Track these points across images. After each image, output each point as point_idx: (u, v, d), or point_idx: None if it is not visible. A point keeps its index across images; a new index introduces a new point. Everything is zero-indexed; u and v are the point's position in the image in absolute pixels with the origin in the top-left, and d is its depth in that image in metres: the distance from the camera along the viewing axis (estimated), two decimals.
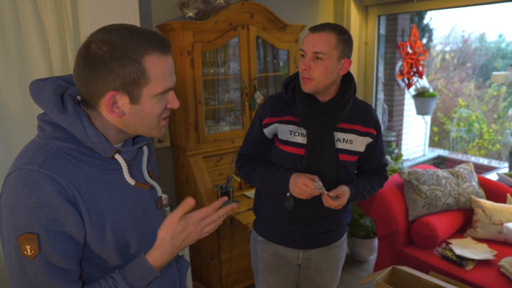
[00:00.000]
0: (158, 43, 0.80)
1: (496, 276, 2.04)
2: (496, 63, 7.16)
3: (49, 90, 0.81)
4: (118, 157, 0.86)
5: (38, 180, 0.75)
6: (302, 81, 1.34)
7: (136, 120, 0.84)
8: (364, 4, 3.43)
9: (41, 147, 0.80)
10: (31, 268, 0.75)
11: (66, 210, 0.77)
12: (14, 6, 1.79)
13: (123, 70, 0.77)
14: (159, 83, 0.81)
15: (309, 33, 1.33)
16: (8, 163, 1.87)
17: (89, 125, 0.81)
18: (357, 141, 1.41)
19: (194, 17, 2.40)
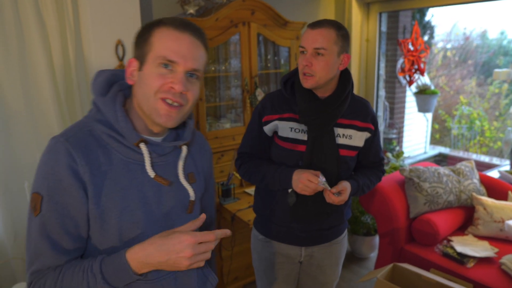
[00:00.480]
0: (177, 20, 0.85)
1: (497, 274, 2.04)
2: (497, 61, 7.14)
3: (102, 76, 0.91)
4: (142, 147, 0.86)
5: (58, 151, 0.81)
6: (302, 78, 1.35)
7: (139, 89, 0.86)
8: (365, 1, 3.42)
9: (79, 124, 0.87)
10: (33, 224, 0.83)
11: (71, 184, 0.81)
12: (15, 4, 1.78)
13: (140, 39, 0.86)
14: (158, 50, 0.83)
15: (308, 30, 1.33)
16: (9, 160, 1.87)
17: (121, 109, 0.86)
18: (356, 136, 1.43)
19: (195, 14, 2.40)
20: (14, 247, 1.91)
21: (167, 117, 0.85)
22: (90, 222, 0.84)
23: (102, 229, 0.85)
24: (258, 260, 1.60)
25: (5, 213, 1.87)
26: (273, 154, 1.47)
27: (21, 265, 1.94)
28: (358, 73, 3.58)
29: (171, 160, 0.93)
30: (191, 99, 0.87)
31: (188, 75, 0.85)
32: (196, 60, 0.85)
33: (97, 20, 1.95)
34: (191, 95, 0.86)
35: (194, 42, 0.85)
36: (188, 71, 0.84)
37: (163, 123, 0.86)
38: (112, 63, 2.04)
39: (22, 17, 1.82)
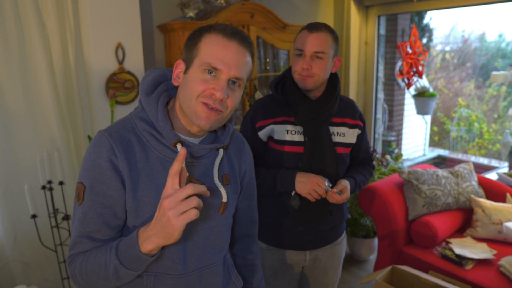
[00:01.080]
0: (227, 28, 0.88)
1: (495, 276, 2.05)
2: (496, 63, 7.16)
3: (151, 76, 0.94)
4: (179, 147, 0.89)
5: (101, 144, 0.86)
6: (300, 79, 1.37)
7: (182, 91, 0.89)
8: (364, 4, 3.44)
9: (123, 121, 0.92)
10: (76, 212, 0.89)
11: (111, 176, 0.86)
12: (15, 6, 1.79)
13: (188, 42, 0.90)
14: (205, 56, 0.86)
15: (306, 32, 1.34)
16: (9, 161, 1.88)
17: (162, 109, 0.90)
18: (349, 133, 1.48)
19: (194, 17, 2.41)
20: (13, 249, 1.91)
21: (206, 120, 0.87)
22: (127, 212, 0.89)
23: (137, 221, 0.89)
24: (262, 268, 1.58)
25: (5, 215, 1.87)
26: (270, 159, 1.46)
27: (21, 268, 1.94)
28: (357, 76, 3.60)
29: (208, 161, 0.96)
30: (231, 106, 0.89)
31: (231, 82, 0.88)
32: (239, 69, 0.87)
33: (97, 23, 1.96)
34: (230, 102, 0.88)
35: (241, 50, 0.87)
36: (230, 79, 0.87)
37: (202, 125, 0.88)
38: (112, 66, 2.05)
39: (23, 19, 1.83)
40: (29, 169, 1.92)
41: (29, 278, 1.95)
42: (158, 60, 2.53)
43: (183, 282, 0.94)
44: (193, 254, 0.94)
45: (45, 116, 1.94)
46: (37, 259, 1.99)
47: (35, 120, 1.92)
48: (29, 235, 1.95)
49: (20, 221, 1.93)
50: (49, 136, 1.96)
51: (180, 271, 0.93)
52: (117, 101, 2.10)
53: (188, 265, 0.94)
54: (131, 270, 0.83)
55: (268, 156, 1.47)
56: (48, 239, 1.96)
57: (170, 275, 0.92)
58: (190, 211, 0.75)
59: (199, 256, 0.96)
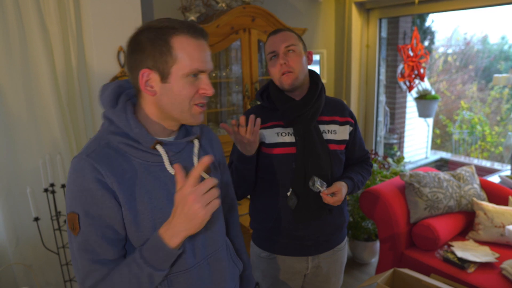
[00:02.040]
0: (189, 26, 0.87)
1: (498, 279, 2.04)
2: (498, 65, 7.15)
3: (109, 89, 0.93)
4: (159, 148, 0.91)
5: (83, 167, 0.85)
6: (282, 78, 1.39)
7: (167, 100, 0.89)
8: (365, 7, 3.44)
9: (96, 140, 0.90)
10: (75, 243, 0.87)
11: (102, 195, 0.85)
12: (18, 10, 1.81)
13: (153, 48, 0.85)
14: (186, 63, 0.86)
15: (271, 37, 1.42)
16: (12, 165, 1.89)
17: (132, 117, 0.89)
18: (340, 130, 1.50)
19: (196, 20, 2.42)
20: (15, 252, 1.92)
21: (200, 117, 0.94)
22: (126, 227, 0.89)
23: (138, 232, 0.90)
24: (263, 278, 1.55)
25: (7, 218, 1.88)
26: (264, 165, 1.46)
27: (23, 271, 1.94)
28: (358, 79, 3.60)
29: (186, 155, 0.99)
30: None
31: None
32: (211, 62, 0.92)
33: (99, 27, 1.97)
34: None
35: (207, 46, 0.92)
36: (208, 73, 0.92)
37: (198, 122, 0.94)
38: (114, 69, 2.06)
39: (25, 24, 1.84)
40: (32, 172, 1.93)
41: (31, 280, 1.96)
42: None
43: (195, 273, 0.97)
44: (198, 245, 0.98)
45: (47, 120, 1.95)
46: (39, 261, 2.00)
47: (37, 123, 1.93)
48: (31, 238, 1.96)
49: (22, 224, 1.94)
50: (51, 139, 1.97)
51: (190, 264, 0.96)
52: None
53: (196, 256, 0.97)
54: (163, 271, 0.87)
55: (261, 162, 1.46)
56: (50, 241, 1.96)
57: (181, 271, 0.95)
58: (213, 201, 0.81)
59: (204, 245, 0.99)
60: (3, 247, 1.92)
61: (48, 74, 1.89)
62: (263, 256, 1.53)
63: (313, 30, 3.38)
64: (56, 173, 1.92)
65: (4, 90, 1.84)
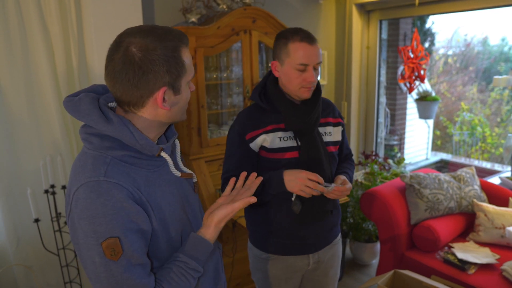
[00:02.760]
0: (183, 37, 0.90)
1: (498, 280, 2.03)
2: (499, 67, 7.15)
3: (86, 104, 0.86)
4: (163, 154, 0.94)
5: (108, 189, 0.82)
6: (304, 91, 1.38)
7: (178, 109, 0.93)
8: (366, 9, 3.45)
9: (97, 159, 0.85)
10: (117, 268, 0.83)
11: (137, 211, 0.84)
12: (19, 11, 1.81)
13: (169, 67, 0.86)
14: (190, 71, 0.92)
15: (306, 45, 1.34)
16: (13, 166, 1.89)
17: (135, 130, 0.87)
18: (334, 131, 1.52)
19: (197, 22, 2.43)
20: (16, 253, 1.92)
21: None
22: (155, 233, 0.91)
23: (165, 238, 0.93)
24: (264, 279, 1.55)
25: (8, 219, 1.88)
26: (264, 168, 1.44)
27: (23, 271, 1.94)
28: (359, 80, 3.60)
29: (175, 154, 1.03)
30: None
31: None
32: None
33: (100, 28, 1.97)
34: None
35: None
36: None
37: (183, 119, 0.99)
38: None
39: (26, 25, 1.85)
40: (32, 173, 1.93)
41: (32, 282, 1.96)
42: None
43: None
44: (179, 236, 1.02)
45: (48, 121, 1.95)
46: (39, 263, 2.00)
47: (38, 124, 1.93)
48: (32, 239, 1.96)
49: (23, 225, 1.94)
50: (52, 140, 1.97)
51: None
52: None
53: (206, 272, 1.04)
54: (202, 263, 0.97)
55: (262, 166, 1.45)
56: (50, 243, 1.96)
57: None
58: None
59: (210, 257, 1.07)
60: (3, 248, 1.92)
61: (49, 74, 1.90)
62: (264, 258, 1.52)
63: (314, 32, 3.38)
64: (57, 174, 1.92)
65: (5, 91, 1.84)
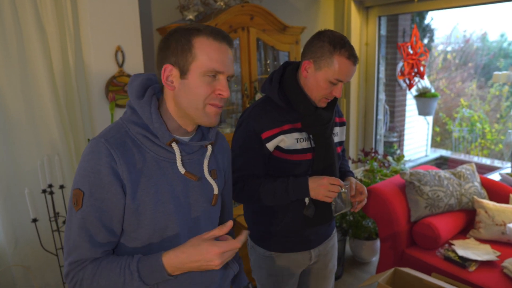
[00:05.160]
0: (213, 29, 0.92)
1: (499, 277, 2.03)
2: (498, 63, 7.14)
3: (138, 80, 0.98)
4: (174, 146, 0.95)
5: (99, 150, 0.88)
6: (324, 101, 1.38)
7: (184, 96, 0.93)
8: (364, 5, 3.43)
9: (116, 126, 0.95)
10: (74, 218, 0.90)
11: (110, 181, 0.88)
12: (15, 10, 1.79)
13: (176, 46, 0.91)
14: (204, 62, 0.90)
15: (351, 64, 1.31)
16: (10, 166, 1.88)
17: (155, 111, 0.94)
18: (339, 131, 1.52)
19: (194, 19, 2.41)
20: (14, 254, 1.91)
21: (215, 118, 0.96)
22: (126, 216, 0.92)
23: (138, 222, 0.93)
24: (267, 277, 1.54)
25: (6, 219, 1.87)
26: (275, 168, 1.41)
27: (21, 272, 1.93)
28: (358, 77, 3.59)
29: (197, 158, 1.01)
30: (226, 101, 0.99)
31: (228, 79, 0.96)
32: (232, 67, 0.96)
33: (96, 26, 1.96)
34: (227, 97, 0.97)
35: (230, 51, 0.95)
36: (228, 77, 0.95)
37: (211, 124, 0.97)
38: (112, 69, 2.04)
39: (22, 24, 1.83)
40: (30, 173, 1.92)
41: (30, 282, 1.95)
42: None
43: (185, 275, 0.99)
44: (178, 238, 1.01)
45: (45, 120, 1.94)
46: (38, 263, 1.99)
47: (35, 124, 1.92)
48: (30, 239, 1.95)
49: (21, 225, 1.93)
50: (49, 140, 1.95)
51: None
52: (117, 104, 2.09)
53: None
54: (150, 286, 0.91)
55: (273, 166, 1.42)
56: (49, 243, 1.95)
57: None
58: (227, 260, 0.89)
59: None
60: (1, 248, 1.91)
61: (46, 74, 1.88)
62: (267, 256, 1.52)
63: (312, 29, 3.36)
64: (54, 174, 1.90)
65: (2, 91, 1.83)
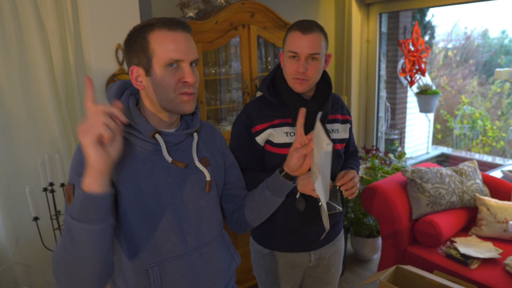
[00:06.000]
0: (165, 20, 0.94)
1: (501, 275, 2.02)
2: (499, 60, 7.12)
3: (115, 86, 1.02)
4: (158, 137, 0.97)
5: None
6: (295, 82, 1.34)
7: (154, 91, 0.96)
8: (365, 2, 3.42)
9: None
10: (67, 210, 0.90)
11: None
12: (14, 8, 1.79)
13: (135, 46, 0.94)
14: (162, 54, 0.92)
15: (299, 34, 1.30)
16: (11, 165, 1.87)
17: (134, 107, 0.98)
18: (341, 128, 1.49)
19: (194, 17, 2.40)
20: (15, 253, 1.91)
21: (189, 105, 0.98)
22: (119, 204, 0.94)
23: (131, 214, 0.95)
24: (266, 274, 1.54)
25: (7, 218, 1.87)
26: (268, 163, 1.43)
27: (23, 270, 1.93)
28: (358, 74, 3.57)
29: (185, 147, 1.05)
30: (197, 84, 0.99)
31: (193, 65, 0.97)
32: (193, 52, 0.96)
33: (97, 24, 1.95)
34: (196, 82, 0.98)
35: (187, 36, 0.96)
36: (192, 62, 0.96)
37: (186, 111, 0.98)
38: (112, 67, 2.04)
39: (22, 22, 1.82)
40: (31, 171, 1.91)
41: (32, 280, 1.95)
42: None
43: (187, 262, 1.02)
44: (190, 234, 1.03)
45: (45, 118, 1.93)
46: (39, 261, 1.99)
47: (36, 122, 1.91)
48: (31, 238, 1.95)
49: (22, 223, 1.93)
50: (50, 138, 1.95)
51: (181, 251, 1.01)
52: None
53: (187, 244, 1.02)
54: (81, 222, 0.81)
55: (266, 160, 1.43)
56: (50, 241, 1.95)
57: (172, 258, 1.00)
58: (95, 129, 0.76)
59: (196, 235, 1.04)
60: (3, 247, 1.91)
61: (46, 72, 1.87)
62: (265, 253, 1.52)
63: None
64: (55, 173, 1.90)
65: (2, 89, 1.82)
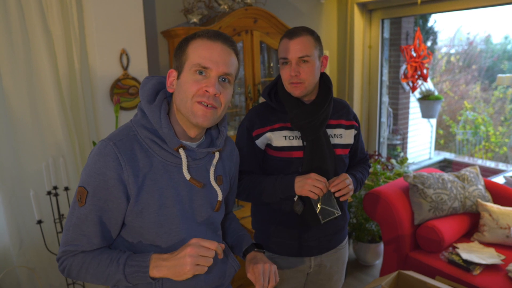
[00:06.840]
0: (210, 31, 0.95)
1: (504, 281, 2.02)
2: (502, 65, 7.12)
3: (150, 83, 1.00)
4: (181, 152, 0.96)
5: (107, 153, 0.90)
6: (291, 87, 1.36)
7: (177, 94, 0.96)
8: (367, 8, 3.44)
9: (126, 129, 0.96)
10: (76, 212, 0.94)
11: (114, 185, 0.91)
12: (21, 13, 1.81)
13: (178, 52, 0.97)
14: (194, 59, 0.93)
15: (286, 40, 1.34)
16: (15, 168, 1.89)
17: (165, 117, 0.96)
18: (345, 134, 1.48)
19: (198, 23, 2.42)
20: (19, 255, 1.92)
21: (204, 117, 0.94)
22: (130, 219, 0.95)
23: (142, 224, 0.95)
24: None
25: (11, 221, 1.88)
26: (270, 166, 1.44)
27: (26, 273, 1.94)
28: (361, 80, 3.59)
29: (203, 163, 1.03)
30: (224, 102, 0.96)
31: (221, 79, 0.95)
32: (227, 65, 0.94)
33: (101, 29, 1.97)
34: (223, 98, 0.96)
35: (225, 49, 0.95)
36: (220, 76, 0.94)
37: (200, 123, 0.95)
38: (117, 72, 2.06)
39: (28, 27, 1.85)
40: (35, 175, 1.93)
41: (35, 283, 1.96)
42: (162, 66, 2.54)
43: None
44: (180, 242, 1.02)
45: (50, 122, 1.95)
46: (42, 264, 2.00)
47: (41, 126, 1.93)
48: (34, 241, 1.96)
49: (26, 227, 1.94)
50: (54, 142, 1.97)
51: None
52: (122, 107, 2.11)
53: None
54: (130, 284, 0.94)
55: (267, 164, 1.45)
56: (53, 244, 1.96)
57: None
58: (203, 267, 0.89)
59: None
60: (6, 250, 1.92)
61: (51, 77, 1.89)
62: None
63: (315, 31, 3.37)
64: (59, 176, 1.92)
65: (7, 92, 1.84)
